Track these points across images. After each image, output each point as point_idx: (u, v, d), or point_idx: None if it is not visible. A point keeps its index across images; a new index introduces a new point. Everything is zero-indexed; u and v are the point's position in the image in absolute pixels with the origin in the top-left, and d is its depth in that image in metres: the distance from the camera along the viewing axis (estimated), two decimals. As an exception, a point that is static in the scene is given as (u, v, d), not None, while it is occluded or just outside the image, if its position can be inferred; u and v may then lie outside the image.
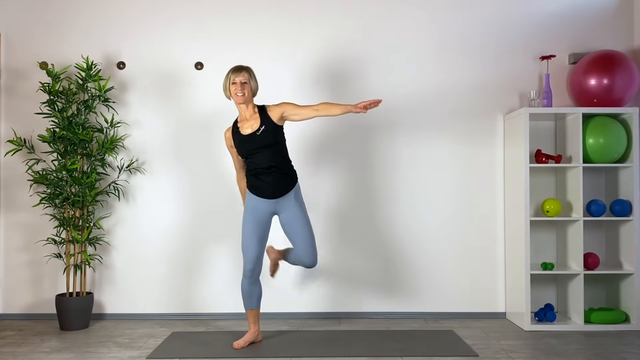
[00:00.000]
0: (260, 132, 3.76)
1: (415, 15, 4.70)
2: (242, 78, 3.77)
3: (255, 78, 3.85)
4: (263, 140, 3.76)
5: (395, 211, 4.67)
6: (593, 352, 3.77)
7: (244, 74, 3.78)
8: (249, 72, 3.82)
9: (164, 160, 4.68)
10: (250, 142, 3.77)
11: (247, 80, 3.79)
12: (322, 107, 3.77)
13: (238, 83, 3.77)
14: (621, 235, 4.48)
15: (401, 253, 4.67)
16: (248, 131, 3.79)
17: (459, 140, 4.69)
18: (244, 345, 3.86)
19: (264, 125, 3.78)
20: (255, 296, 3.89)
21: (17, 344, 4.02)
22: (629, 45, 4.70)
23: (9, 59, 4.69)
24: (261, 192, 3.79)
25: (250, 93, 3.80)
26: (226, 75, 3.83)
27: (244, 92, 3.76)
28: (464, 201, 4.68)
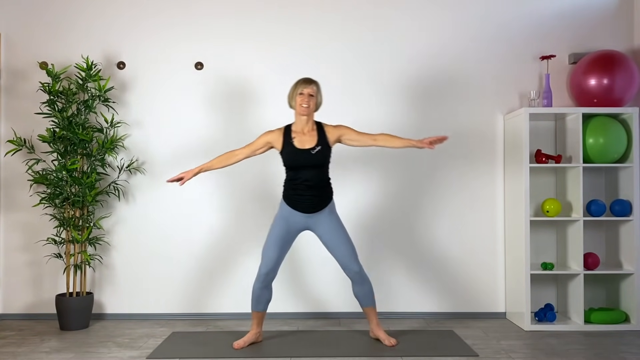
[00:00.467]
0: (315, 152, 3.77)
1: (415, 15, 4.70)
2: (310, 90, 3.77)
3: (321, 93, 3.87)
4: (316, 160, 3.76)
5: (394, 211, 4.67)
6: (593, 352, 3.77)
7: (312, 86, 3.78)
8: (318, 86, 3.82)
9: (164, 160, 4.68)
10: (302, 157, 3.76)
11: (315, 94, 3.79)
12: (381, 138, 3.82)
13: (305, 94, 3.77)
14: (621, 235, 4.48)
15: (401, 253, 4.67)
16: (303, 146, 3.78)
17: (459, 140, 4.69)
18: (244, 345, 3.87)
19: (320, 145, 3.79)
20: (264, 300, 3.89)
21: (17, 344, 4.02)
22: (629, 45, 4.70)
23: (9, 59, 4.69)
24: (297, 206, 3.79)
25: (314, 107, 3.81)
26: (294, 84, 3.82)
27: (309, 105, 3.76)
28: (464, 201, 4.68)
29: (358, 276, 3.87)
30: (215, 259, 4.67)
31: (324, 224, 3.83)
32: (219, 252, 4.67)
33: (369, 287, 3.92)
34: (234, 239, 4.66)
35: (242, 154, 3.89)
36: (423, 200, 4.68)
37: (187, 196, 4.67)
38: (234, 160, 3.89)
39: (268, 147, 3.89)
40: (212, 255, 4.67)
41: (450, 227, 4.68)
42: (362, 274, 3.88)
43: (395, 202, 4.67)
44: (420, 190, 4.68)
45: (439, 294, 4.68)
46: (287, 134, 3.83)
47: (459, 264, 4.68)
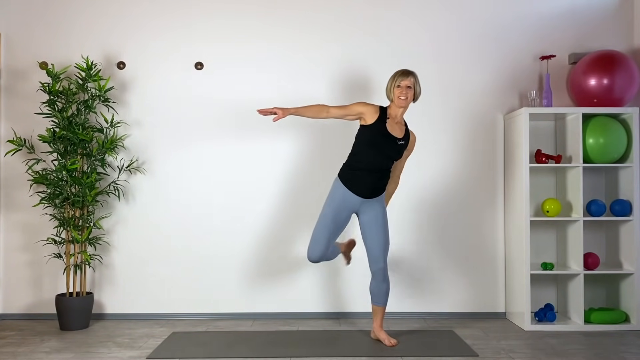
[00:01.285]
0: (400, 143, 3.84)
1: (415, 15, 4.70)
2: (408, 82, 3.79)
3: (419, 83, 3.87)
4: (397, 150, 3.83)
5: (394, 211, 4.67)
6: (593, 352, 3.77)
7: (410, 78, 3.80)
8: (415, 77, 3.83)
9: (164, 160, 4.68)
10: (387, 141, 3.79)
11: (412, 85, 3.81)
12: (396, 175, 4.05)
13: (403, 87, 3.79)
14: (621, 235, 4.48)
15: (401, 253, 4.67)
16: (393, 133, 3.81)
17: (459, 140, 4.69)
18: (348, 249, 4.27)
19: (405, 140, 3.87)
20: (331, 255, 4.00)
21: (17, 344, 4.02)
22: (629, 45, 4.70)
23: (9, 59, 4.69)
24: (357, 189, 3.82)
25: (412, 98, 3.83)
26: (392, 76, 3.84)
27: (407, 97, 3.79)
28: (464, 201, 4.68)
29: (381, 273, 3.91)
30: (215, 258, 4.67)
31: (372, 211, 3.88)
32: (219, 252, 4.67)
33: (386, 287, 3.95)
34: (234, 239, 4.66)
35: (333, 112, 3.85)
36: (423, 200, 4.68)
37: (187, 196, 4.67)
38: (324, 115, 3.85)
39: (358, 117, 3.86)
40: (212, 255, 4.67)
41: (450, 227, 4.68)
42: (386, 272, 3.92)
43: (394, 202, 4.66)
44: (420, 190, 4.68)
45: (439, 294, 4.68)
46: (382, 114, 3.83)
47: (459, 263, 4.68)
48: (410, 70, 3.86)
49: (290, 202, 4.66)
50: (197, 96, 4.69)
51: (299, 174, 4.66)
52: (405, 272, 4.67)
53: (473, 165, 4.69)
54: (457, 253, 4.68)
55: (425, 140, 4.67)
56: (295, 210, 4.65)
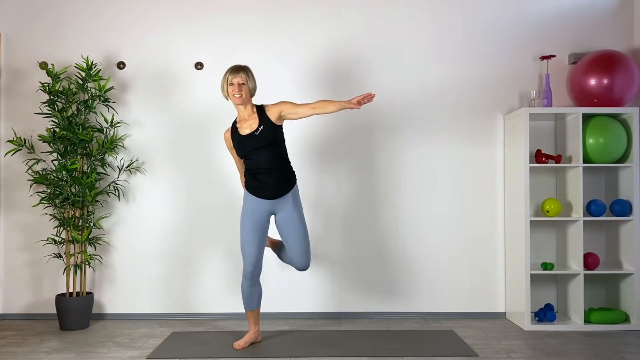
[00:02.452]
0: (258, 132, 3.74)
1: (415, 15, 4.70)
2: (240, 79, 3.75)
3: (253, 78, 3.82)
4: (262, 140, 3.74)
5: (394, 211, 4.67)
6: (593, 352, 3.77)
7: (241, 74, 3.75)
8: (247, 72, 3.79)
9: (164, 160, 4.68)
10: (248, 142, 3.76)
11: (245, 81, 3.76)
12: (318, 105, 3.74)
13: (236, 84, 3.74)
14: (621, 235, 4.48)
15: (401, 253, 4.67)
16: (247, 131, 3.78)
17: (459, 140, 4.69)
18: (245, 345, 3.86)
19: (263, 125, 3.76)
20: (256, 297, 3.88)
21: (17, 344, 4.02)
22: (629, 45, 4.70)
23: (9, 59, 4.69)
24: (260, 193, 3.77)
25: (249, 94, 3.78)
26: (224, 75, 3.80)
27: (241, 94, 3.74)
28: (464, 201, 4.68)
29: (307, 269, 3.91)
30: (215, 258, 4.67)
31: (285, 211, 3.81)
32: (219, 252, 4.67)
33: None
34: (234, 239, 4.66)
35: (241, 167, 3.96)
36: (423, 200, 4.68)
37: (187, 196, 4.67)
38: None
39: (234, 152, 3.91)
40: (213, 255, 4.67)
41: (450, 227, 4.68)
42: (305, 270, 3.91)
43: (394, 202, 4.67)
44: (420, 190, 4.68)
45: (438, 294, 4.68)
46: (233, 126, 3.86)
47: (459, 263, 4.68)
48: (242, 65, 3.81)
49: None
50: (197, 96, 4.69)
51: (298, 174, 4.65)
52: (405, 272, 4.67)
53: (473, 165, 4.69)
54: (457, 253, 4.68)
55: (425, 140, 4.67)
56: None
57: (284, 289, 4.65)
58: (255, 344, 3.95)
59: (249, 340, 3.90)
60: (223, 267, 4.66)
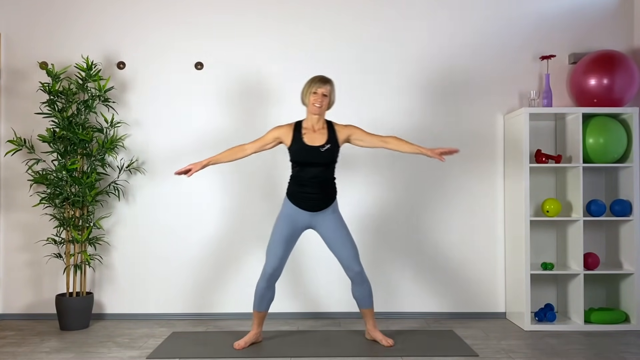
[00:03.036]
0: (324, 150, 3.77)
1: (415, 15, 4.70)
2: (324, 90, 3.76)
3: (335, 92, 3.85)
4: (324, 157, 3.76)
5: (393, 211, 4.67)
6: (593, 352, 3.77)
7: (327, 86, 3.77)
8: (332, 85, 3.81)
9: (164, 160, 4.68)
10: (311, 154, 3.75)
11: (328, 94, 3.78)
12: (392, 141, 3.82)
13: (319, 94, 3.76)
14: (621, 235, 4.48)
15: (401, 253, 4.67)
16: (313, 143, 3.77)
17: (458, 140, 4.69)
18: (245, 345, 3.86)
19: (330, 143, 3.79)
20: (267, 300, 3.89)
21: (17, 344, 4.02)
22: (629, 45, 4.70)
23: (9, 59, 4.69)
24: (302, 204, 3.78)
25: (327, 106, 3.81)
26: (308, 82, 3.81)
27: (322, 104, 3.76)
28: (464, 201, 4.68)
29: (359, 277, 3.87)
30: (215, 258, 4.67)
31: (328, 222, 3.83)
32: (220, 252, 4.67)
33: (368, 288, 3.92)
34: (235, 239, 4.66)
35: (251, 148, 3.87)
36: (423, 201, 4.68)
37: (187, 196, 4.67)
38: (242, 154, 3.87)
39: (277, 143, 3.88)
40: (213, 255, 4.67)
41: (450, 227, 4.68)
42: (363, 275, 3.88)
43: (395, 202, 4.67)
44: (420, 191, 4.68)
45: (439, 294, 4.68)
46: (297, 130, 3.82)
47: (459, 264, 4.68)
48: (328, 77, 3.83)
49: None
50: (197, 96, 4.69)
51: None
52: (405, 272, 4.67)
53: (473, 165, 4.69)
54: (457, 253, 4.68)
55: (425, 140, 4.67)
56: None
57: (284, 289, 4.65)
58: (255, 344, 3.95)
59: (249, 340, 3.90)
60: (223, 267, 4.66)
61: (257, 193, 4.67)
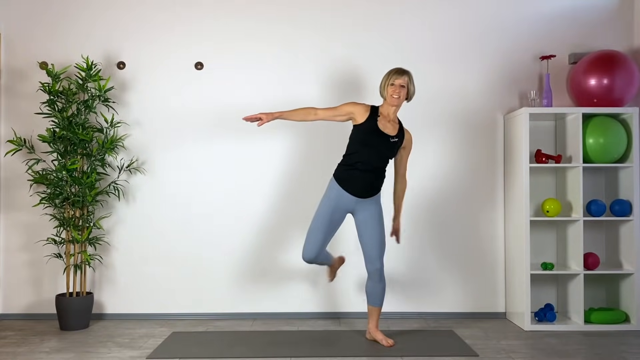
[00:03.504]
0: (393, 140, 3.82)
1: (415, 15, 4.70)
2: (402, 81, 3.79)
3: (414, 83, 3.87)
4: (390, 148, 3.82)
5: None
6: (593, 352, 3.77)
7: (404, 77, 3.80)
8: (410, 76, 3.83)
9: (164, 160, 4.68)
10: (380, 139, 3.78)
11: (406, 85, 3.80)
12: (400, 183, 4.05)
13: (397, 85, 3.78)
14: (621, 235, 4.48)
15: (401, 253, 4.67)
16: (385, 130, 3.80)
17: (459, 140, 4.69)
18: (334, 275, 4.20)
19: (399, 138, 3.85)
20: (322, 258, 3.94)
21: (17, 344, 4.02)
22: (629, 45, 4.70)
23: (9, 59, 4.69)
24: (350, 187, 3.80)
25: (405, 97, 3.83)
26: (387, 74, 3.84)
27: (399, 95, 3.79)
28: (464, 201, 4.68)
29: (378, 273, 3.89)
30: (215, 258, 4.67)
31: (368, 211, 3.85)
32: (219, 252, 4.67)
33: (383, 288, 3.94)
34: (234, 239, 4.66)
35: (322, 114, 3.86)
36: (422, 200, 4.68)
37: (187, 196, 4.67)
38: (312, 117, 3.87)
39: (348, 117, 3.87)
40: (213, 255, 4.67)
41: (450, 227, 4.68)
42: (382, 273, 3.91)
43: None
44: (420, 190, 4.68)
45: (439, 294, 4.68)
46: (373, 112, 3.84)
47: (459, 263, 4.68)
48: (405, 69, 3.86)
49: (290, 202, 4.66)
50: (197, 96, 4.69)
51: (298, 174, 4.66)
52: (406, 272, 4.67)
53: (473, 165, 4.69)
54: (457, 253, 4.68)
55: (425, 140, 4.67)
56: (295, 210, 4.64)
57: (284, 289, 4.65)
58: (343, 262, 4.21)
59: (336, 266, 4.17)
60: (223, 267, 4.66)
61: (256, 193, 4.67)
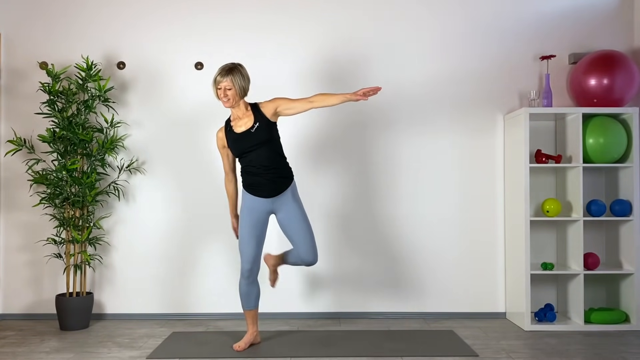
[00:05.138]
0: (254, 130, 3.70)
1: (415, 15, 4.70)
2: (226, 84, 3.66)
3: (242, 78, 3.69)
4: (258, 138, 3.69)
5: (394, 211, 4.67)
6: (593, 352, 3.77)
7: (227, 79, 3.64)
8: (233, 74, 3.65)
9: (164, 160, 4.68)
10: (244, 140, 3.71)
11: (231, 86, 3.66)
12: (317, 98, 3.70)
13: (222, 89, 3.68)
14: (621, 235, 4.48)
15: (401, 253, 4.67)
16: (242, 129, 3.73)
17: (459, 140, 4.69)
18: (245, 347, 3.84)
19: (258, 122, 3.71)
20: (254, 296, 3.85)
21: (17, 344, 4.02)
22: (629, 45, 4.70)
23: (9, 59, 4.69)
24: (257, 191, 3.74)
25: (237, 96, 3.70)
26: (214, 76, 3.76)
27: (228, 98, 3.68)
28: (464, 201, 4.68)
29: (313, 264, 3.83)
30: (215, 258, 4.67)
31: (286, 205, 3.77)
32: (219, 252, 4.67)
33: None
34: (234, 239, 4.66)
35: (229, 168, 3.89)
36: (423, 200, 4.68)
37: (187, 196, 4.67)
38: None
39: (227, 151, 3.84)
40: (212, 255, 4.67)
41: (450, 227, 4.68)
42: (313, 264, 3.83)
43: (393, 202, 4.67)
44: (420, 190, 4.68)
45: (439, 294, 4.68)
46: (227, 125, 3.80)
47: (459, 263, 4.68)
48: (230, 66, 3.68)
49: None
50: (197, 96, 4.69)
51: (299, 171, 4.65)
52: (405, 271, 4.67)
53: (473, 165, 4.69)
54: (457, 253, 4.68)
55: (425, 140, 4.67)
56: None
57: (284, 289, 4.65)
58: (254, 345, 3.94)
59: (248, 341, 3.88)
60: (223, 267, 4.67)
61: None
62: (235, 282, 4.65)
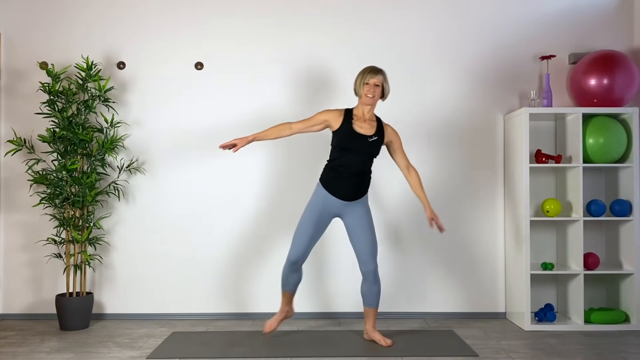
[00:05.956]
0: (372, 140, 3.80)
1: (414, 15, 4.70)
2: (377, 80, 3.79)
3: (388, 82, 3.87)
4: (370, 148, 3.80)
5: (394, 211, 4.67)
6: (593, 352, 3.77)
7: (379, 76, 3.79)
8: (384, 75, 3.83)
9: (164, 160, 4.68)
10: (358, 141, 3.77)
11: (381, 84, 3.80)
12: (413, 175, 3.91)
13: (371, 84, 3.78)
14: (621, 235, 4.48)
15: (401, 253, 4.67)
16: (361, 131, 3.79)
17: (459, 140, 4.69)
18: (276, 325, 4.01)
19: (378, 136, 3.83)
20: (293, 282, 3.97)
21: (17, 344, 4.02)
22: (629, 45, 4.70)
23: (9, 59, 4.69)
24: (336, 191, 3.80)
25: (379, 96, 3.84)
26: (361, 72, 3.84)
27: (374, 94, 3.79)
28: (464, 201, 4.68)
29: (372, 275, 3.89)
30: (215, 259, 4.67)
31: (356, 213, 3.85)
32: (219, 252, 4.67)
33: (378, 289, 3.95)
34: (234, 239, 4.66)
35: (297, 127, 3.88)
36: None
37: (187, 196, 4.67)
38: (288, 132, 3.89)
39: (324, 126, 3.88)
40: (212, 255, 4.67)
41: (450, 227, 4.68)
42: (376, 274, 3.90)
43: (395, 202, 4.67)
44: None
45: (439, 294, 4.68)
46: (347, 116, 3.84)
47: (458, 263, 4.68)
48: (380, 68, 3.86)
49: (290, 202, 4.66)
50: (197, 96, 4.69)
51: (298, 174, 4.65)
52: (405, 272, 4.67)
53: (473, 165, 4.69)
54: (457, 253, 4.68)
55: (425, 140, 4.67)
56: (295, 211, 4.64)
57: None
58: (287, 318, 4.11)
59: (279, 318, 4.03)
60: (223, 267, 4.66)
61: (257, 194, 4.67)
62: (236, 282, 4.65)
